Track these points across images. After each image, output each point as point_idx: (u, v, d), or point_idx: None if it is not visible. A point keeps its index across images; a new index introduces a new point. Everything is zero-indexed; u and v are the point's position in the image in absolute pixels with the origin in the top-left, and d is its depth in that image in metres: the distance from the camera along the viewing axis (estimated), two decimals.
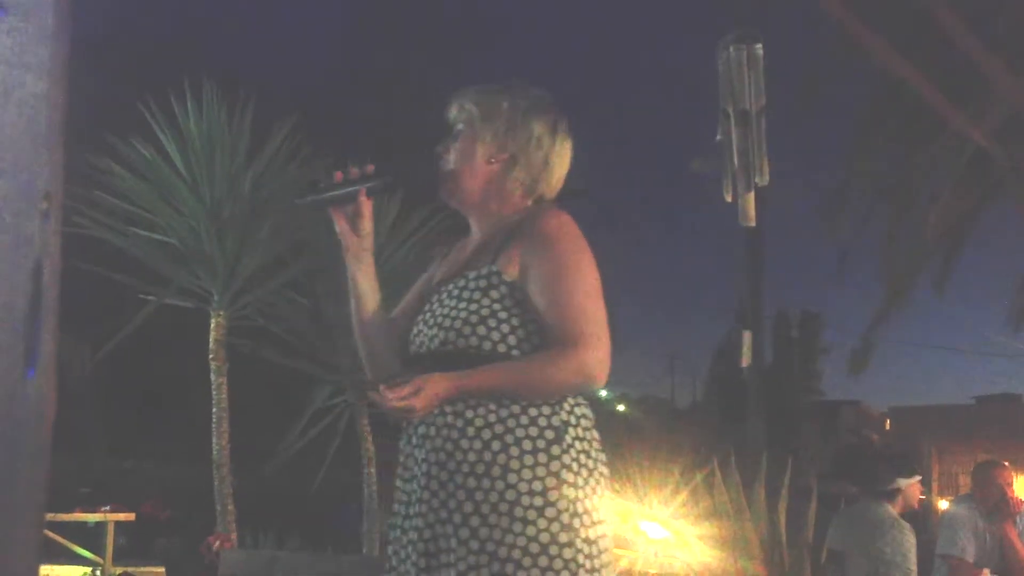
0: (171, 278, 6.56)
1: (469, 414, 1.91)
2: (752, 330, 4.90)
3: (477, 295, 1.98)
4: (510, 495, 1.86)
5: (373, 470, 6.86)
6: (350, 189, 2.09)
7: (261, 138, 6.64)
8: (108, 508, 9.23)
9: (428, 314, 2.04)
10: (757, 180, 4.58)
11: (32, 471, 0.90)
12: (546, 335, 1.95)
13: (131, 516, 9.62)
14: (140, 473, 14.64)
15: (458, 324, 1.96)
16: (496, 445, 1.89)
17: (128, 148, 6.37)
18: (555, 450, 1.90)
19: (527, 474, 1.88)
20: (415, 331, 2.06)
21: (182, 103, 6.44)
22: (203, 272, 6.50)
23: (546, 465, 1.89)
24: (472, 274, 2.01)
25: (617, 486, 4.33)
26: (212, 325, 6.47)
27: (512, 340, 1.95)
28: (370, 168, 2.11)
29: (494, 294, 1.97)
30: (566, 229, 2.01)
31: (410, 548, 1.94)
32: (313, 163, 6.68)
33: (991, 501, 5.11)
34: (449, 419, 1.92)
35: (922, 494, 5.57)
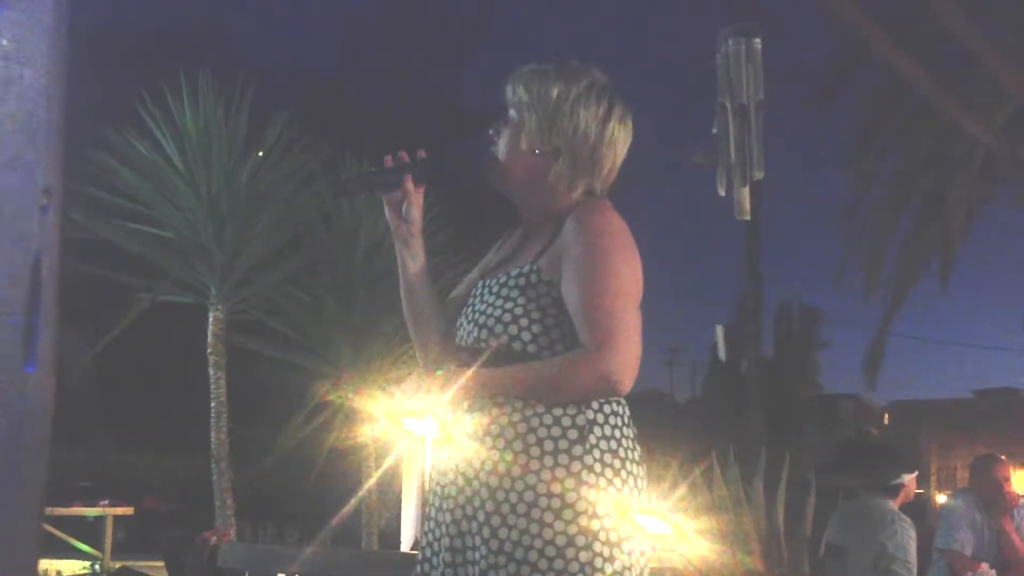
0: (169, 272, 6.56)
1: (494, 411, 1.89)
2: (752, 323, 4.91)
3: (515, 293, 1.94)
4: (528, 496, 1.84)
5: (372, 465, 6.86)
6: (393, 176, 2.05)
7: (258, 132, 6.63)
8: (107, 502, 9.25)
9: (470, 308, 2.02)
10: (753, 174, 4.58)
11: (32, 465, 0.90)
12: (576, 336, 1.90)
13: (130, 510, 9.64)
14: (139, 467, 14.66)
15: (491, 322, 1.94)
16: (518, 445, 1.87)
17: (124, 143, 6.36)
18: (577, 450, 1.86)
19: (546, 475, 1.85)
20: (459, 322, 2.04)
21: (178, 97, 6.43)
22: (201, 266, 6.50)
23: (567, 467, 1.85)
24: (514, 271, 1.97)
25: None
26: (210, 319, 6.47)
27: (544, 341, 1.91)
28: (421, 154, 2.06)
29: (531, 293, 1.93)
30: (605, 225, 1.93)
31: (444, 540, 1.95)
32: (311, 155, 6.68)
33: (988, 495, 5.12)
34: (477, 417, 1.91)
35: (918, 488, 5.59)
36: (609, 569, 1.83)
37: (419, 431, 2.07)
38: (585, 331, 1.86)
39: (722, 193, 4.64)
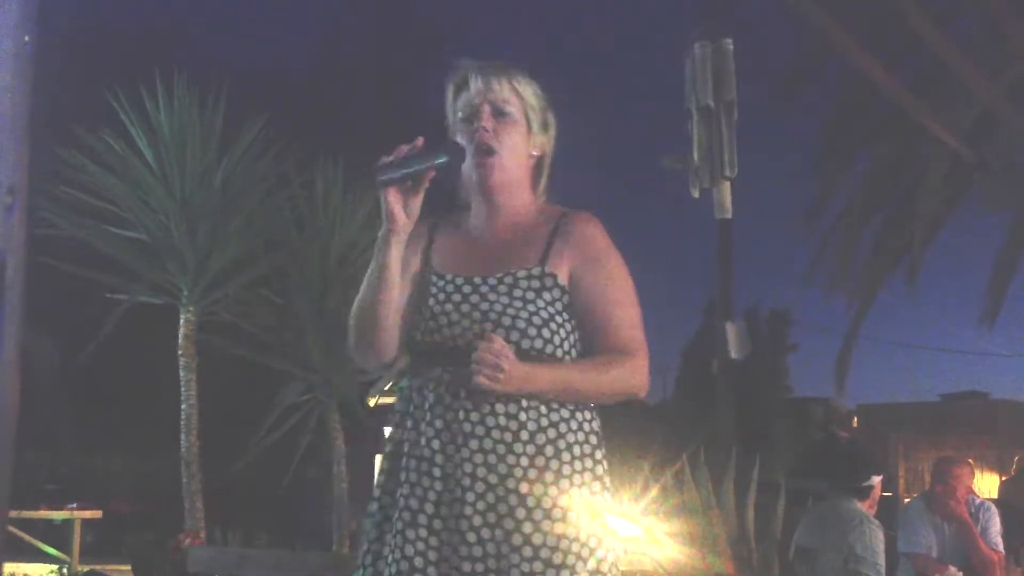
0: (140, 273, 6.51)
1: (523, 416, 1.87)
2: (721, 325, 4.93)
3: (531, 295, 1.92)
4: (564, 501, 1.85)
5: (344, 468, 6.83)
6: (427, 162, 1.90)
7: (233, 133, 6.60)
8: (75, 505, 9.16)
9: (464, 306, 1.92)
10: (726, 174, 4.60)
11: None
12: (596, 342, 1.96)
13: (98, 514, 9.55)
14: (108, 470, 14.53)
15: (521, 324, 1.89)
16: (549, 450, 1.87)
17: (97, 141, 6.31)
18: (598, 455, 1.95)
19: (577, 480, 1.88)
20: (439, 321, 1.93)
21: (153, 96, 6.39)
22: (173, 267, 6.46)
23: (592, 471, 1.92)
24: (521, 272, 1.94)
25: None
26: (181, 321, 6.43)
27: (566, 345, 1.95)
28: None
29: (547, 296, 1.93)
30: (607, 237, 2.02)
31: (419, 544, 1.83)
32: (285, 158, 6.65)
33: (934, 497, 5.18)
34: (502, 420, 1.86)
35: (887, 491, 5.64)
36: (616, 571, 1.93)
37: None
38: (618, 339, 1.95)
39: (696, 195, 4.66)
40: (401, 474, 1.89)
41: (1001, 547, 5.13)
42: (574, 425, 1.91)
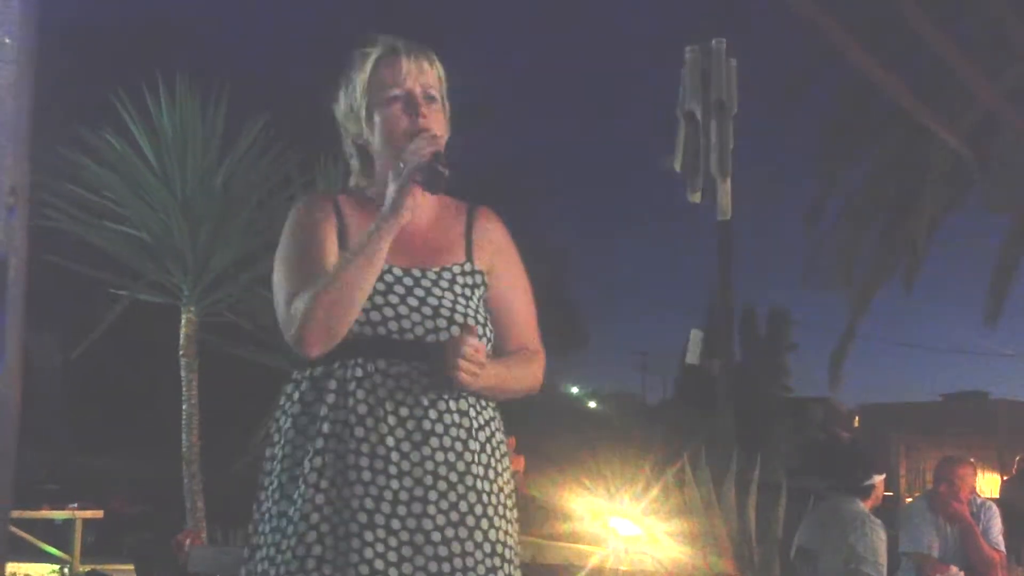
0: (141, 273, 6.52)
1: (472, 413, 1.86)
2: (723, 324, 4.93)
3: (468, 291, 1.91)
4: (504, 498, 1.88)
5: None
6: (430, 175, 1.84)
7: (234, 133, 6.61)
8: (76, 505, 9.15)
9: (411, 299, 1.85)
10: (716, 175, 4.59)
11: None
12: (508, 339, 1.97)
13: (99, 513, 9.54)
14: (109, 470, 14.52)
15: (471, 321, 1.87)
16: (488, 448, 1.88)
17: (99, 140, 6.32)
18: (506, 450, 1.97)
19: (507, 476, 1.92)
20: (384, 313, 1.84)
21: (155, 96, 6.39)
22: (174, 267, 6.46)
23: (508, 467, 1.95)
24: (456, 268, 1.92)
25: (587, 482, 4.34)
26: (183, 321, 6.44)
27: (488, 343, 1.93)
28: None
29: (478, 292, 1.93)
30: (509, 233, 2.03)
31: (379, 545, 1.76)
32: (286, 158, 6.66)
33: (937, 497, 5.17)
34: (456, 418, 1.84)
35: (888, 491, 5.64)
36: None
37: None
38: (528, 336, 1.99)
39: (695, 200, 4.65)
40: (350, 472, 1.78)
41: (1003, 547, 5.13)
42: (499, 422, 1.95)
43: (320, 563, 1.76)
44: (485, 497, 1.84)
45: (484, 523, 1.83)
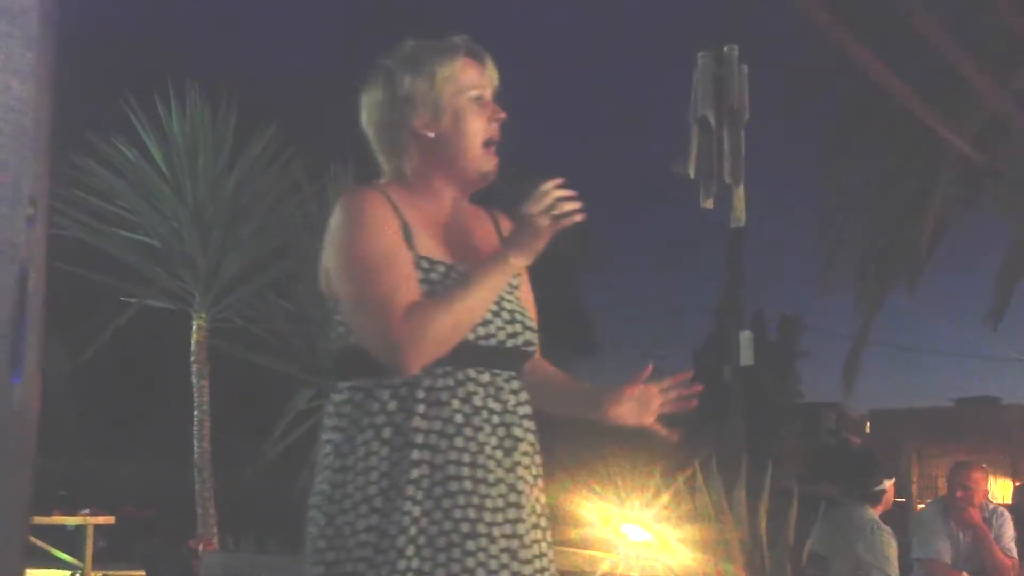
0: (153, 279, 6.55)
1: (533, 424, 1.89)
2: (740, 329, 4.92)
3: (517, 295, 1.93)
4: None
5: None
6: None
7: (244, 140, 6.64)
8: (88, 511, 9.17)
9: (495, 305, 1.84)
10: (728, 182, 4.58)
11: (16, 476, 0.90)
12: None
13: (111, 519, 9.56)
14: (120, 476, 14.54)
15: (530, 323, 1.90)
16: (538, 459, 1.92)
17: (110, 148, 6.35)
18: None
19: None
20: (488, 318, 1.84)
21: (165, 104, 6.43)
22: (185, 273, 6.49)
23: None
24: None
25: (598, 488, 4.34)
26: (194, 327, 6.46)
27: None
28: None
29: (517, 297, 1.95)
30: None
31: (481, 555, 1.75)
32: (296, 165, 6.68)
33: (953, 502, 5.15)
34: (531, 424, 1.87)
35: (899, 497, 5.62)
36: None
37: None
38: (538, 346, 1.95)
39: (707, 206, 4.64)
40: (451, 483, 1.75)
41: (1015, 553, 5.11)
42: None
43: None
44: (543, 498, 1.89)
45: (544, 522, 1.87)
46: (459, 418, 1.77)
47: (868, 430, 22.30)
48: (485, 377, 1.81)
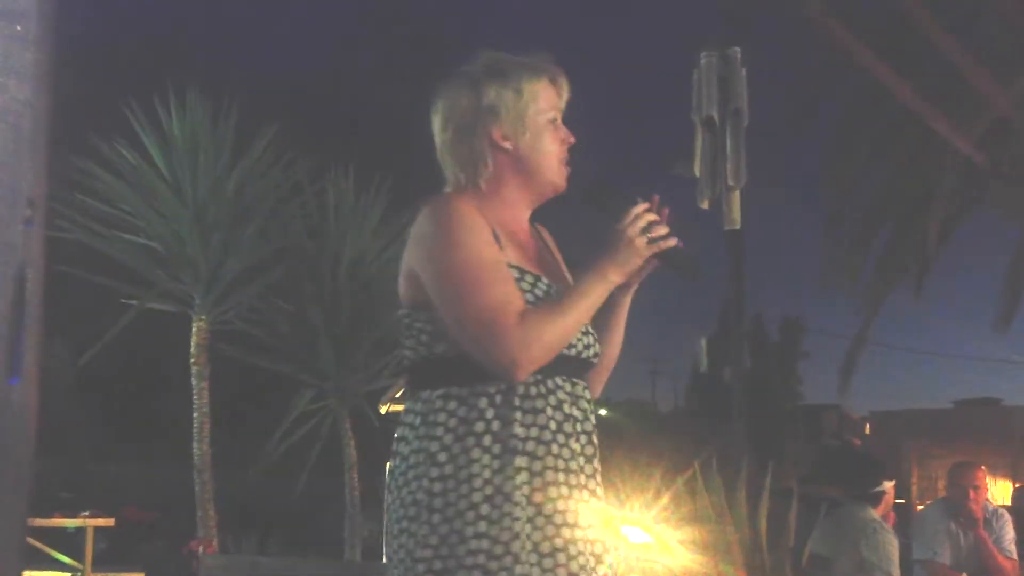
0: (153, 281, 6.55)
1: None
2: (735, 333, 4.93)
3: None
4: None
5: (355, 475, 6.84)
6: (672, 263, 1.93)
7: (245, 142, 6.64)
8: (88, 513, 9.17)
9: None
10: (731, 184, 4.58)
11: (15, 479, 0.90)
12: None
13: (111, 521, 9.56)
14: (121, 478, 14.55)
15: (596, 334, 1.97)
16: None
17: (111, 151, 6.35)
18: None
19: None
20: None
21: (166, 106, 6.43)
22: (185, 276, 6.49)
23: None
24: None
25: (599, 489, 4.33)
26: (194, 329, 6.46)
27: None
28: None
29: None
30: None
31: (581, 558, 1.80)
32: (297, 167, 6.69)
33: (959, 503, 5.13)
34: (596, 429, 1.93)
35: (900, 499, 5.61)
36: None
37: None
38: None
39: (704, 206, 4.64)
40: (550, 488, 1.79)
41: (1015, 554, 5.11)
42: None
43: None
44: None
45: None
46: (553, 425, 1.81)
47: (868, 431, 22.30)
48: (568, 386, 1.86)
